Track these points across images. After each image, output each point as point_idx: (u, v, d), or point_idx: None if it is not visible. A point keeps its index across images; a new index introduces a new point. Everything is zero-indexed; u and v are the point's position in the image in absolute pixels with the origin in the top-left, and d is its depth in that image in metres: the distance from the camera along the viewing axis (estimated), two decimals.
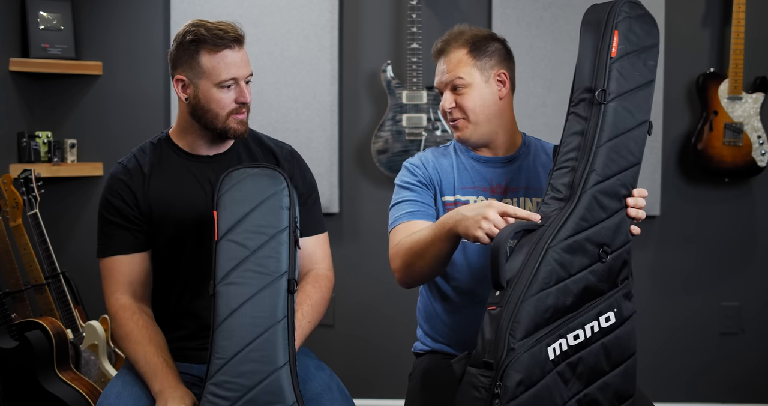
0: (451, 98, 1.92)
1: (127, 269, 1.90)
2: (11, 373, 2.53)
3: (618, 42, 1.69)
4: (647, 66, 1.72)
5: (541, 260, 1.55)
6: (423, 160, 1.99)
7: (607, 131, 1.66)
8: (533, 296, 1.53)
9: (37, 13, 3.18)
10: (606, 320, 1.61)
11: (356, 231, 3.33)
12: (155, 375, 1.78)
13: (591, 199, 1.62)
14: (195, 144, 1.95)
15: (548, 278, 1.55)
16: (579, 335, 1.57)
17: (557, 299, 1.55)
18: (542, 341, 1.52)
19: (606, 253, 1.63)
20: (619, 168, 1.66)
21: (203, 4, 3.24)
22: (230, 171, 1.75)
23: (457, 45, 1.93)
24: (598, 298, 1.62)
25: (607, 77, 1.68)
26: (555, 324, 1.55)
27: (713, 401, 3.33)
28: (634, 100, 1.70)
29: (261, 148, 2.02)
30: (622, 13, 1.71)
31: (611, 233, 1.64)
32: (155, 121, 3.31)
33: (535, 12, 3.22)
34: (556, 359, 1.54)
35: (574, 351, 1.57)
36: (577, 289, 1.58)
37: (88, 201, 3.31)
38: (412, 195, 1.94)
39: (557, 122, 3.20)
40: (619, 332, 1.64)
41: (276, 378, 1.66)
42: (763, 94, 3.15)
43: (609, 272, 1.64)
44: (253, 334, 1.67)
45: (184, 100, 1.89)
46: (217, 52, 1.84)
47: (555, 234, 1.58)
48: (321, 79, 3.24)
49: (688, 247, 3.32)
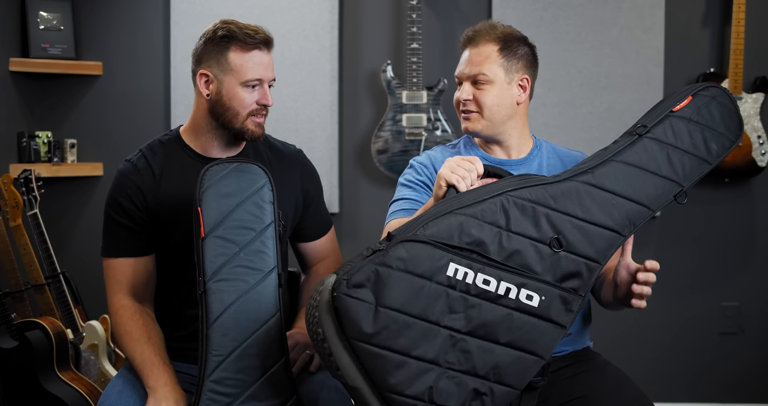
0: (470, 90, 1.89)
1: (130, 271, 1.90)
2: (11, 373, 2.53)
3: (686, 105, 1.74)
4: (706, 145, 1.74)
5: (490, 197, 1.55)
6: (432, 160, 1.97)
7: (626, 155, 1.68)
8: (463, 215, 1.52)
9: (37, 13, 3.18)
10: (527, 298, 1.54)
11: (356, 231, 3.33)
12: (151, 372, 1.78)
13: (572, 188, 1.62)
14: (208, 145, 1.94)
15: (485, 214, 1.53)
16: (491, 282, 1.51)
17: (484, 236, 1.52)
18: (446, 251, 1.49)
19: (560, 243, 1.58)
20: (621, 190, 1.65)
21: (203, 3, 3.24)
22: (210, 166, 1.75)
23: (489, 38, 1.89)
24: (528, 272, 1.55)
25: (656, 122, 1.73)
26: (470, 252, 1.51)
27: (713, 401, 3.33)
28: (674, 156, 1.71)
29: (270, 149, 2.02)
30: (708, 91, 1.77)
31: (578, 235, 1.60)
32: (155, 121, 3.31)
33: (535, 12, 3.22)
34: (454, 281, 1.49)
35: (477, 295, 1.50)
36: (509, 245, 1.54)
37: (88, 201, 3.31)
38: (411, 194, 1.93)
39: (557, 122, 3.20)
40: (536, 323, 1.55)
41: (275, 373, 1.67)
42: (763, 94, 3.15)
43: (554, 265, 1.57)
44: (251, 329, 1.67)
45: (206, 96, 1.88)
46: (247, 51, 1.84)
47: (517, 188, 1.58)
48: (321, 79, 3.24)
49: (688, 247, 3.32)
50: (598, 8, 3.20)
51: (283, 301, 1.74)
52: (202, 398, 1.64)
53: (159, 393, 1.75)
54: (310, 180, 2.06)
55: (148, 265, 1.92)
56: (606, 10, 3.20)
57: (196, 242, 1.70)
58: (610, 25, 3.20)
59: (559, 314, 1.57)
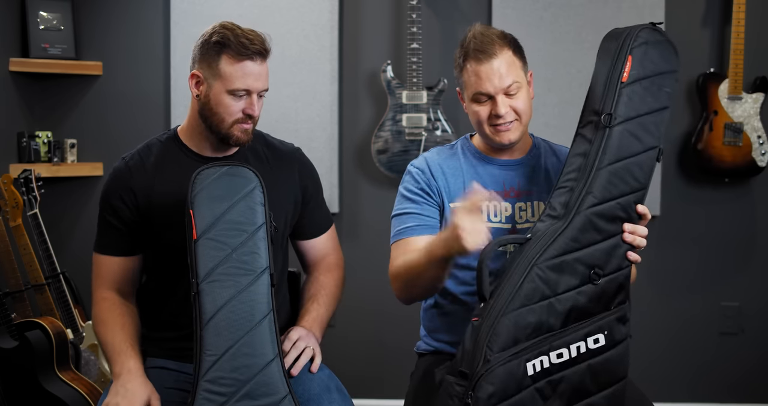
0: (506, 102, 1.82)
1: (116, 269, 1.94)
2: (11, 373, 2.53)
3: (630, 67, 1.69)
4: (662, 92, 1.72)
5: (525, 276, 1.55)
6: (429, 164, 1.94)
7: (610, 155, 1.66)
8: (514, 311, 1.53)
9: (37, 13, 3.18)
10: (594, 342, 1.60)
11: (356, 231, 3.33)
12: (118, 357, 1.81)
13: (585, 221, 1.62)
14: (201, 145, 1.95)
15: (531, 295, 1.54)
16: (563, 354, 1.56)
17: (540, 317, 1.55)
18: (521, 356, 1.52)
19: (598, 275, 1.61)
20: (620, 192, 1.66)
21: (203, 3, 3.24)
22: (201, 169, 1.76)
23: (501, 45, 1.83)
24: (587, 319, 1.60)
25: (615, 101, 1.68)
26: (536, 340, 1.54)
27: (713, 401, 3.33)
28: (643, 125, 1.70)
29: (267, 148, 2.02)
30: (639, 39, 1.71)
31: (604, 256, 1.63)
32: (155, 121, 3.31)
33: (535, 12, 3.22)
34: (536, 375, 1.53)
35: (558, 370, 1.56)
36: (562, 308, 1.57)
37: (88, 201, 3.31)
38: (414, 207, 1.90)
39: (557, 122, 3.20)
40: (609, 355, 1.62)
41: (269, 371, 1.69)
42: (763, 94, 3.15)
43: (601, 294, 1.62)
44: (244, 329, 1.69)
45: (195, 96, 1.90)
46: (239, 61, 1.83)
47: (542, 252, 1.58)
48: (321, 79, 3.24)
49: (688, 247, 3.32)
50: (598, 8, 3.20)
51: (276, 300, 1.75)
52: (197, 397, 1.66)
53: (120, 380, 1.76)
54: (309, 177, 2.06)
55: (134, 264, 1.96)
56: (606, 11, 3.20)
57: (189, 244, 1.72)
58: (610, 25, 3.14)
59: (621, 331, 1.64)
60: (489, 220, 1.89)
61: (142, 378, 1.78)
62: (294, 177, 2.02)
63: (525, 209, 1.90)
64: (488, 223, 1.89)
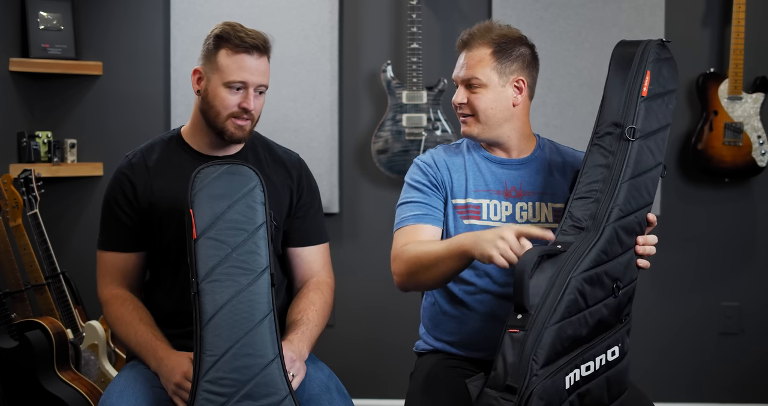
0: (465, 94, 1.90)
1: (122, 265, 1.95)
2: (11, 373, 2.53)
3: (649, 82, 1.71)
4: (668, 109, 1.74)
5: (565, 288, 1.54)
6: (435, 159, 1.96)
7: (631, 168, 1.67)
8: (556, 324, 1.52)
9: (37, 13, 3.18)
10: (612, 354, 1.62)
11: (356, 231, 3.33)
12: (147, 351, 1.83)
13: (613, 234, 1.62)
14: (203, 143, 1.96)
15: (570, 308, 1.54)
16: (591, 366, 1.57)
17: (575, 330, 1.55)
18: (562, 370, 1.52)
19: (618, 288, 1.63)
20: (638, 206, 1.67)
21: (203, 3, 3.24)
22: (201, 168, 1.76)
23: (482, 42, 1.88)
24: (608, 331, 1.62)
25: (636, 115, 1.69)
26: (573, 354, 1.54)
27: (713, 401, 3.33)
28: (655, 141, 1.71)
29: (269, 153, 2.03)
30: (653, 55, 1.73)
31: (623, 269, 1.65)
32: (155, 121, 3.31)
33: (535, 12, 3.22)
34: (570, 388, 1.53)
35: (584, 382, 1.57)
36: (592, 321, 1.58)
37: (88, 201, 3.31)
38: (420, 196, 1.91)
39: (557, 122, 3.20)
40: (620, 366, 1.65)
41: (269, 371, 1.68)
42: (763, 94, 3.15)
43: (618, 307, 1.64)
44: (244, 329, 1.69)
45: (196, 92, 1.92)
46: (236, 53, 1.86)
47: (578, 264, 1.57)
48: (321, 79, 3.24)
49: (688, 247, 3.32)
50: (598, 8, 3.20)
51: (276, 301, 1.74)
52: (197, 398, 1.65)
53: (165, 366, 1.78)
54: (307, 186, 2.06)
55: (139, 260, 1.97)
56: (606, 11, 3.20)
57: (189, 244, 1.72)
58: (610, 25, 3.20)
59: (627, 344, 1.68)
60: (489, 219, 1.90)
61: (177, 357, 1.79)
62: (291, 179, 2.03)
63: (526, 209, 1.91)
64: (488, 222, 1.89)
